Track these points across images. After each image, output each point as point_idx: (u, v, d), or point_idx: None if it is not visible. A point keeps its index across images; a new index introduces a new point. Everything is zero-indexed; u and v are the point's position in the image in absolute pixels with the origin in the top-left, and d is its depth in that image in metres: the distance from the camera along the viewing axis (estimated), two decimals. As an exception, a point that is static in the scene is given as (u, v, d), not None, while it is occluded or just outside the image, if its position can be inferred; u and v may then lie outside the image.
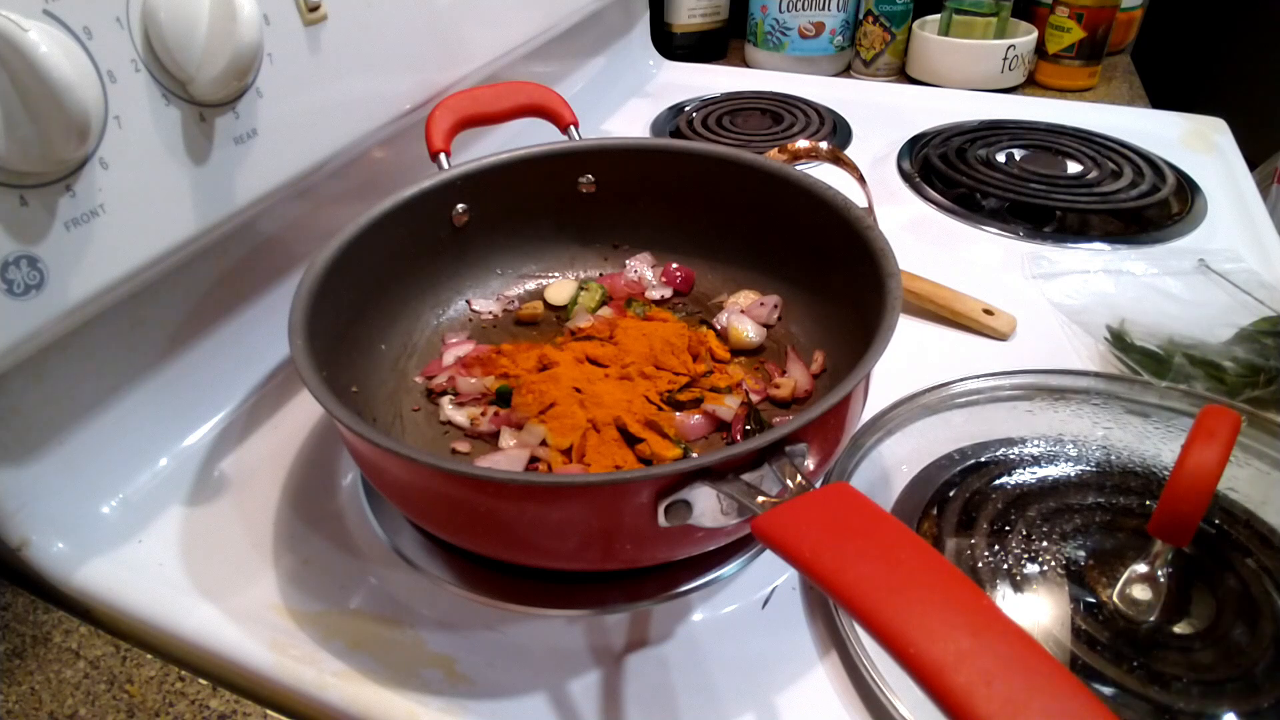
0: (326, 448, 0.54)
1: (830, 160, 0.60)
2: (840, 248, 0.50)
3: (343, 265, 0.48)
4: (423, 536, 0.46)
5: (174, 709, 0.40)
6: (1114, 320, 0.60)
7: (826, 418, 0.36)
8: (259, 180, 0.50)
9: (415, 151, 0.60)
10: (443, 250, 0.58)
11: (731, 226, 0.60)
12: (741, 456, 0.34)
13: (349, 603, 0.44)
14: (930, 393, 0.54)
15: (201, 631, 0.43)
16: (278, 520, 0.49)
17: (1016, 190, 0.77)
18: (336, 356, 0.47)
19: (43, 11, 0.37)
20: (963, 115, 0.94)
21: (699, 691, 0.39)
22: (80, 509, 0.48)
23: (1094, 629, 0.40)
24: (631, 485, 0.34)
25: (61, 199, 0.39)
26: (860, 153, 0.88)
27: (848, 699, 0.39)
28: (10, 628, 0.44)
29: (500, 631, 0.43)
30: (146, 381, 0.51)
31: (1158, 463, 0.49)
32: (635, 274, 0.62)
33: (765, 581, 0.44)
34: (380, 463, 0.39)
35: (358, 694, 0.40)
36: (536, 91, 0.64)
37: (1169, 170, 0.80)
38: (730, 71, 1.12)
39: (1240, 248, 0.69)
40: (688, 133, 0.93)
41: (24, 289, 0.38)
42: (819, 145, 0.60)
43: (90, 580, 0.46)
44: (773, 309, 0.57)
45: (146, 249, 0.44)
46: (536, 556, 0.39)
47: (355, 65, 0.56)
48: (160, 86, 0.43)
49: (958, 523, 0.45)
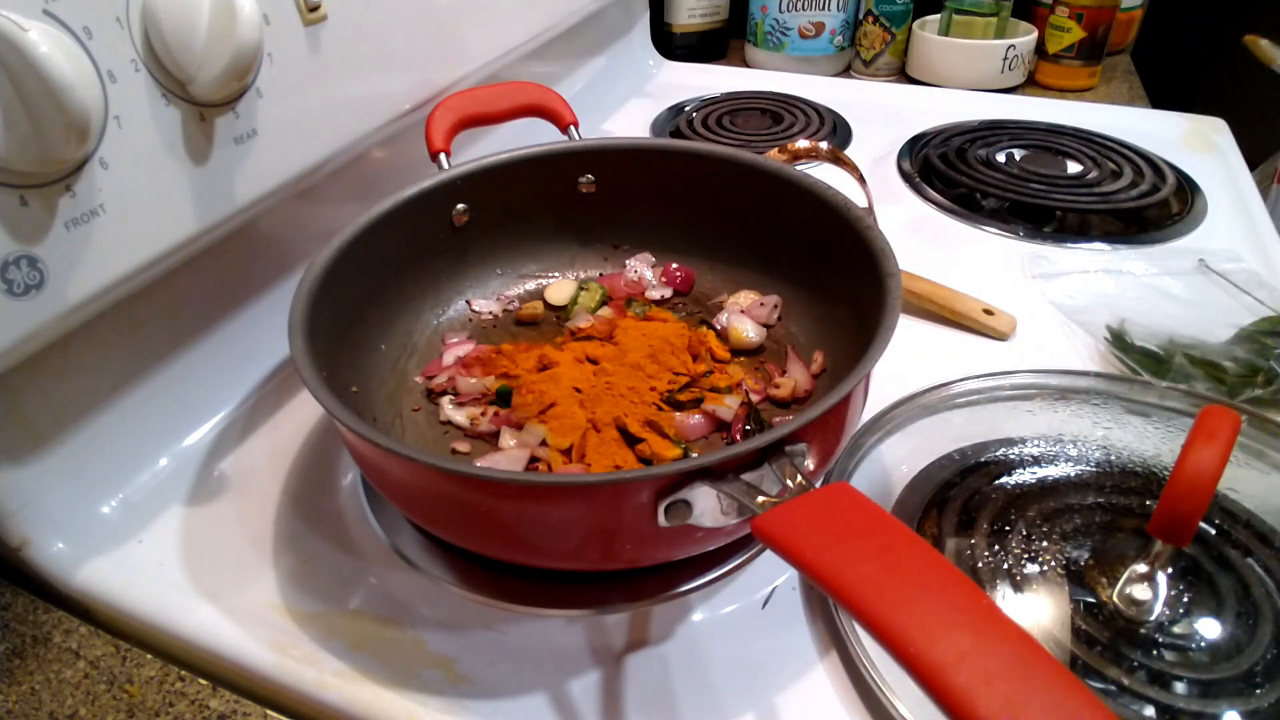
0: (326, 448, 0.54)
1: (830, 160, 0.60)
2: (840, 248, 0.50)
3: (343, 265, 0.48)
4: (423, 536, 0.46)
5: (174, 709, 0.40)
6: (1114, 320, 0.60)
7: (826, 418, 0.36)
8: (259, 180, 0.50)
9: (415, 151, 0.60)
10: (443, 250, 0.58)
11: (731, 226, 0.60)
12: (741, 456, 0.34)
13: (349, 603, 0.44)
14: (930, 393, 0.54)
15: (201, 631, 0.43)
16: (278, 520, 0.49)
17: (1016, 190, 0.77)
18: (336, 356, 0.47)
19: (43, 11, 0.37)
20: (963, 115, 0.94)
21: (699, 691, 0.39)
22: (80, 509, 0.48)
23: (1094, 629, 0.40)
24: (631, 485, 0.34)
25: (61, 199, 0.39)
26: (860, 153, 0.88)
27: (848, 699, 0.39)
28: (10, 628, 0.44)
29: (500, 632, 0.43)
30: (146, 381, 0.51)
31: (1158, 463, 0.49)
32: (635, 274, 0.62)
33: (765, 581, 0.44)
34: (380, 463, 0.39)
35: (358, 694, 0.40)
36: (536, 91, 0.64)
37: (1169, 170, 0.80)
38: (730, 71, 1.12)
39: (1240, 248, 0.69)
40: (688, 133, 0.93)
41: (24, 289, 0.38)
42: (819, 145, 0.60)
43: (90, 580, 0.46)
44: (773, 309, 0.57)
45: (146, 249, 0.44)
46: (536, 556, 0.39)
47: (355, 65, 0.56)
48: (160, 86, 0.43)
49: (958, 523, 0.45)
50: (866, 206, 0.51)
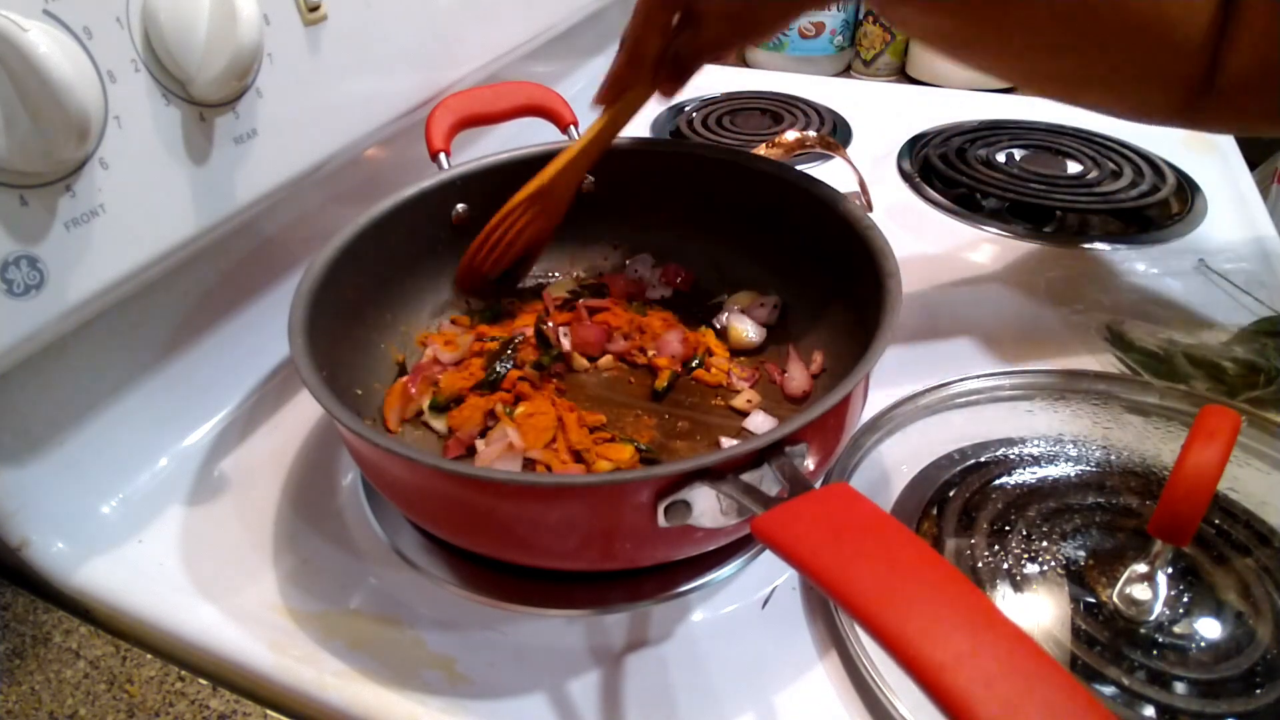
0: (326, 448, 0.54)
1: (821, 147, 0.60)
2: (840, 248, 0.50)
3: (343, 265, 0.48)
4: (423, 536, 0.46)
5: (174, 709, 0.40)
6: (1114, 320, 0.60)
7: (826, 418, 0.36)
8: (259, 180, 0.50)
9: (415, 151, 0.60)
10: (442, 250, 0.58)
11: (731, 226, 0.60)
12: (741, 457, 0.34)
13: (349, 603, 0.44)
14: (930, 393, 0.54)
15: (201, 631, 0.43)
16: (278, 520, 0.49)
17: (1016, 190, 0.77)
18: (336, 357, 0.47)
19: (43, 11, 0.37)
20: (963, 115, 0.94)
21: (699, 692, 0.39)
22: (80, 509, 0.48)
23: (1094, 629, 0.40)
24: (631, 485, 0.34)
25: (61, 199, 0.39)
26: (860, 153, 0.88)
27: (847, 699, 0.39)
28: (10, 628, 0.44)
29: (500, 631, 0.43)
30: (146, 381, 0.51)
31: (1158, 463, 0.49)
32: (635, 274, 0.62)
33: (765, 581, 0.44)
34: (380, 463, 0.39)
35: (358, 694, 0.40)
36: (536, 91, 0.64)
37: (1169, 170, 0.80)
38: (730, 71, 1.12)
39: (1240, 248, 0.69)
40: (688, 133, 0.93)
41: (24, 289, 0.38)
42: (807, 134, 0.61)
43: (90, 580, 0.46)
44: (773, 309, 0.57)
45: (146, 249, 0.44)
46: (536, 556, 0.39)
47: (355, 65, 0.56)
48: (160, 86, 0.43)
49: (957, 523, 0.45)
50: (866, 205, 0.52)
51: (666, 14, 0.50)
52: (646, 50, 0.50)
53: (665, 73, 0.52)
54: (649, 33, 0.50)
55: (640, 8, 0.50)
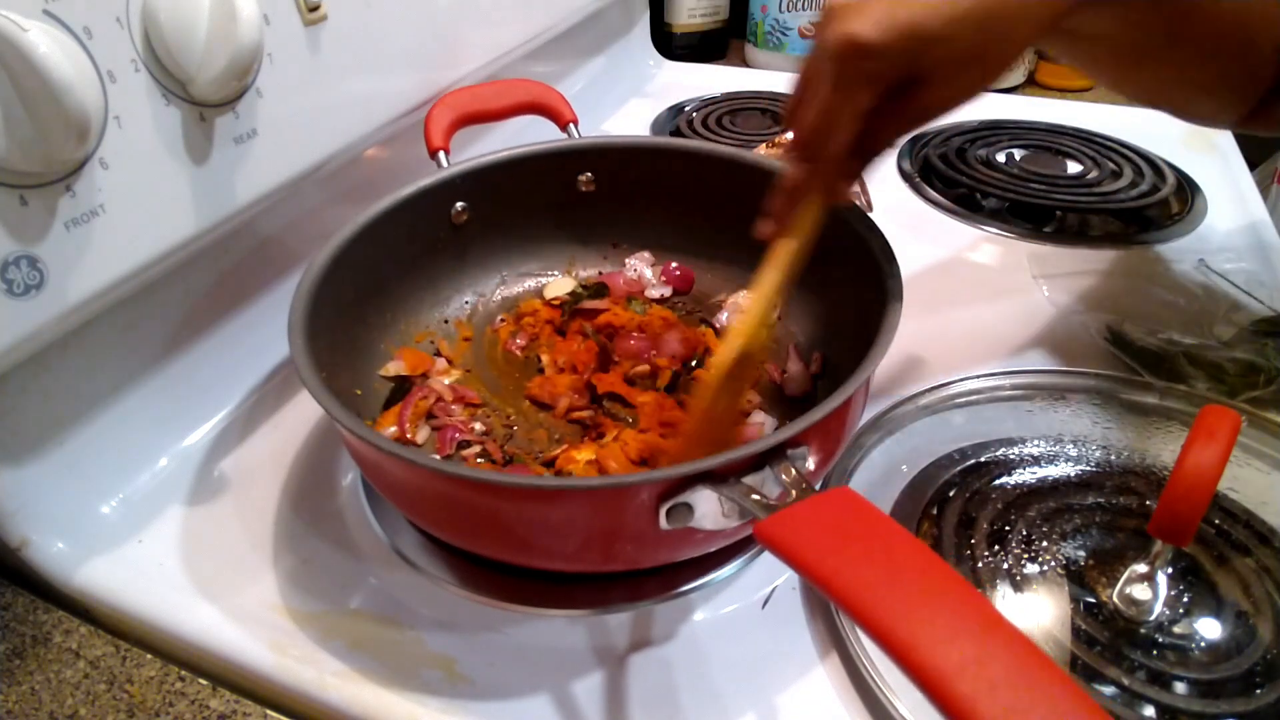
0: (326, 448, 0.54)
1: None
2: (840, 247, 0.50)
3: (342, 265, 0.48)
4: (423, 536, 0.46)
5: (174, 709, 0.40)
6: (1114, 320, 0.60)
7: (828, 420, 0.36)
8: (259, 180, 0.50)
9: (415, 151, 0.60)
10: (442, 249, 0.58)
11: (731, 226, 0.60)
12: (743, 460, 0.34)
13: (349, 603, 0.44)
14: (930, 393, 0.54)
15: (201, 631, 0.43)
16: (278, 520, 0.49)
17: (1016, 190, 0.77)
18: (336, 357, 0.47)
19: (43, 11, 0.37)
20: (963, 115, 0.93)
21: (700, 692, 0.39)
22: (80, 509, 0.48)
23: (1094, 629, 0.40)
24: (633, 488, 0.34)
25: (61, 199, 0.39)
26: (860, 152, 0.88)
27: (848, 699, 0.39)
28: (10, 628, 0.44)
29: (501, 632, 0.43)
30: (146, 381, 0.51)
31: (1158, 463, 0.49)
32: (635, 273, 0.62)
33: (765, 582, 0.44)
34: (380, 464, 0.39)
35: (358, 694, 0.40)
36: (536, 89, 0.63)
37: (1169, 170, 0.80)
38: (730, 71, 1.12)
39: (1240, 248, 0.69)
40: (688, 133, 0.93)
41: (24, 289, 0.38)
42: None
43: (90, 580, 0.46)
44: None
45: (146, 249, 0.44)
46: (537, 558, 0.39)
47: (355, 65, 0.56)
48: (160, 86, 0.43)
49: (958, 523, 0.45)
50: (866, 205, 0.51)
51: (873, 90, 0.36)
52: (839, 141, 0.37)
53: (851, 165, 0.39)
54: (844, 118, 0.37)
55: (823, 84, 0.36)
